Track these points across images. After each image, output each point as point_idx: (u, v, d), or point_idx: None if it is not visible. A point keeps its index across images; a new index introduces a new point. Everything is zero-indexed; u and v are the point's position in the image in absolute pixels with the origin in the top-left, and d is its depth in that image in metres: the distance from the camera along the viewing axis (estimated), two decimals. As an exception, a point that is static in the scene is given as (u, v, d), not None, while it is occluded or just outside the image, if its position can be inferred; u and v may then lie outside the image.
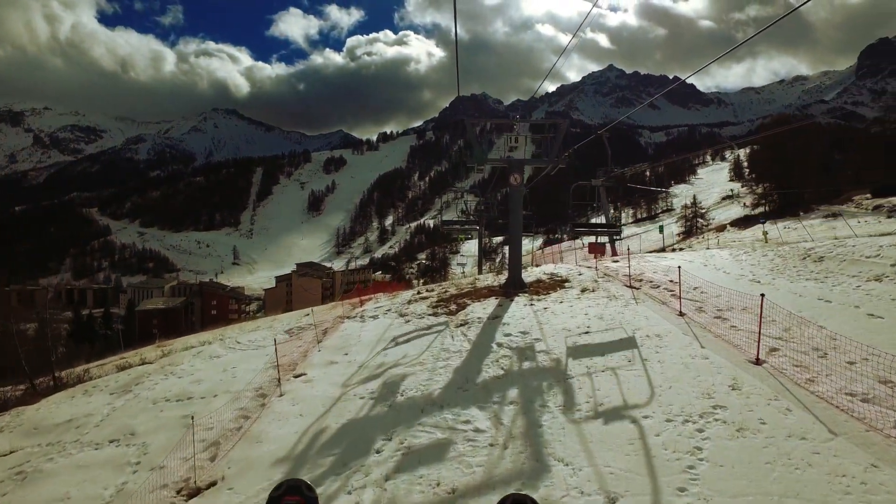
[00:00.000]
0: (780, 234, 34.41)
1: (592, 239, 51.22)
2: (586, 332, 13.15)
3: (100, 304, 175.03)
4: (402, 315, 18.94)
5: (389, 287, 40.74)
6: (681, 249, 36.65)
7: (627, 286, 17.97)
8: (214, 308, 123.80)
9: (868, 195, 55.01)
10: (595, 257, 50.98)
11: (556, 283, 19.91)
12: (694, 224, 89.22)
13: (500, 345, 13.08)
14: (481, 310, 16.93)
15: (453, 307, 18.22)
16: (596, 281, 19.40)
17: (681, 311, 14.01)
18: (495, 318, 15.62)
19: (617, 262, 24.49)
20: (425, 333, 15.47)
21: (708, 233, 63.99)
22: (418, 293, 24.38)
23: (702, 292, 15.57)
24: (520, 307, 16.56)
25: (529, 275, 22.60)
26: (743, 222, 64.49)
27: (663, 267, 20.26)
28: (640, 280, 18.68)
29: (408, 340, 15.04)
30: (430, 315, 17.74)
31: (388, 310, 20.85)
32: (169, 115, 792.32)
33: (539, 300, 17.24)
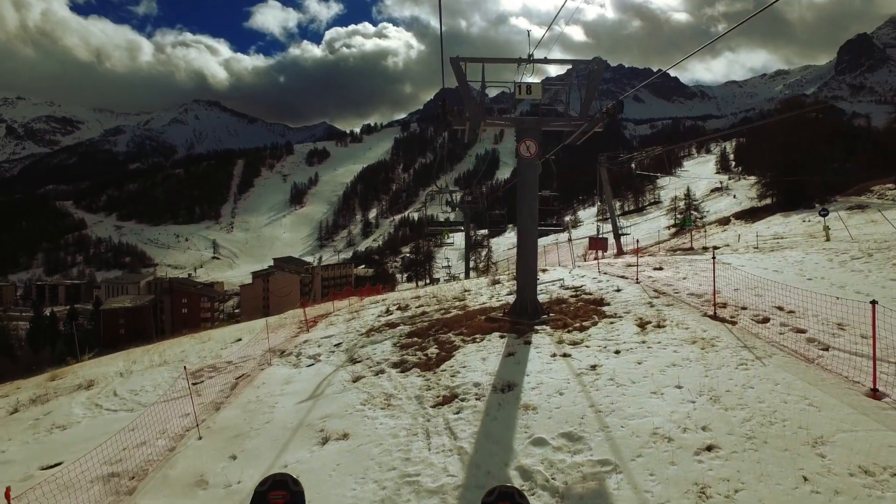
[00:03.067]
0: (844, 228, 27.74)
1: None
2: (708, 448, 6.11)
3: (73, 301, 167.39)
4: (352, 360, 12.05)
5: (360, 292, 34.22)
6: (714, 248, 29.78)
7: (712, 317, 11.11)
8: (185, 307, 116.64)
9: (891, 185, 50.62)
10: (595, 255, 44.34)
11: (589, 307, 13.10)
12: (687, 217, 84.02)
13: (528, 475, 6.11)
14: (479, 363, 10.03)
15: (432, 350, 11.35)
16: (651, 304, 12.58)
17: (874, 388, 7.18)
18: (507, 388, 8.64)
19: (660, 269, 17.68)
20: (379, 417, 8.52)
21: (708, 227, 57.59)
22: (387, 311, 17.64)
23: (862, 335, 8.82)
24: (545, 361, 9.63)
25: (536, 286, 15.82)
26: (749, 215, 58.71)
27: (743, 280, 13.46)
28: (724, 305, 11.87)
29: (345, 436, 8.05)
30: (394, 367, 10.80)
31: (339, 344, 14.07)
32: (148, 106, 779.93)
33: (574, 345, 10.32)
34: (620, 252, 42.15)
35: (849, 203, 44.97)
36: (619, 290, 14.58)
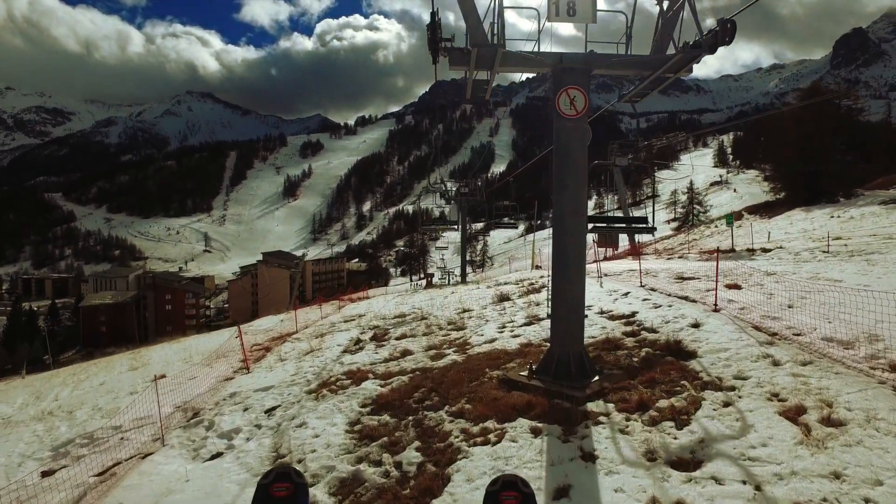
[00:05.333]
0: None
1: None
2: None
3: (60, 295, 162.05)
4: (277, 455, 7.18)
5: (338, 297, 29.67)
6: (764, 251, 24.72)
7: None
8: (169, 303, 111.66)
9: (922, 178, 46.36)
10: (604, 254, 39.31)
11: (666, 361, 8.17)
12: (690, 211, 79.61)
13: None
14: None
15: (411, 455, 6.38)
16: (772, 359, 7.63)
17: None
18: None
19: (737, 287, 12.74)
20: None
21: (718, 222, 52.59)
22: (357, 343, 12.76)
23: None
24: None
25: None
26: (764, 209, 53.98)
27: None
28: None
29: None
30: (337, 497, 5.90)
31: (273, 409, 9.17)
32: (140, 97, 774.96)
33: (682, 468, 5.30)
34: (636, 252, 37.33)
35: (879, 197, 40.38)
36: (697, 326, 9.64)
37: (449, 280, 44.65)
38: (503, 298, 15.51)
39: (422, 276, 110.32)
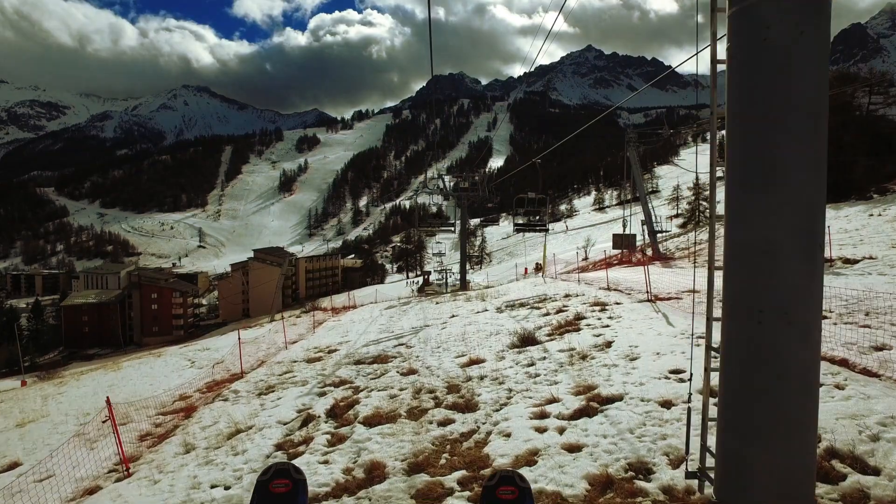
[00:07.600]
0: None
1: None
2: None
3: (50, 291, 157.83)
4: None
5: (314, 306, 25.84)
6: (846, 262, 19.59)
7: None
8: (155, 302, 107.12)
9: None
10: (619, 256, 35.16)
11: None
12: (696, 208, 76.16)
13: None
14: None
15: None
16: None
17: None
18: None
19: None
20: None
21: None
22: (302, 426, 9.05)
23: None
24: None
25: (617, 367, 7.25)
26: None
27: None
28: None
29: None
30: None
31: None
32: (135, 91, 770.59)
33: None
34: (658, 255, 33.34)
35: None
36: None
37: (447, 281, 40.86)
38: (527, 341, 11.10)
39: (418, 273, 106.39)
